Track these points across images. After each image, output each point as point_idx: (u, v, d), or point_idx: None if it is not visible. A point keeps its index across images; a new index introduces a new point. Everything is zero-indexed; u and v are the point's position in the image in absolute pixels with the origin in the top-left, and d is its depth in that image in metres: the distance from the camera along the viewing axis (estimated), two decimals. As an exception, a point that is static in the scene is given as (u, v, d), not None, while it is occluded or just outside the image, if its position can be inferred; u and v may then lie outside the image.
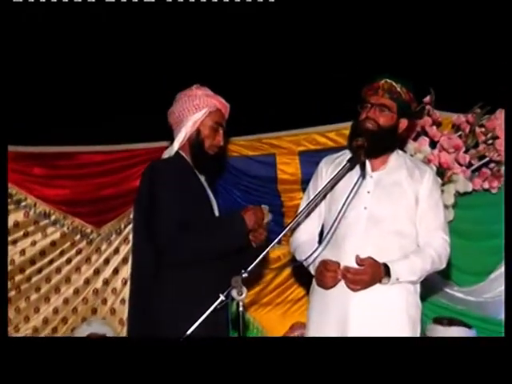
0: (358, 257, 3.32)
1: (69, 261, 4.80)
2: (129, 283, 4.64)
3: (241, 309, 2.85)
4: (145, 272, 3.20)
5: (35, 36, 4.74)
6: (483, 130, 4.41)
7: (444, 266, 3.50)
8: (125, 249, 4.83)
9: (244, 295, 2.84)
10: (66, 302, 4.79)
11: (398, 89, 3.42)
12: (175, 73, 4.71)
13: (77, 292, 4.79)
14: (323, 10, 4.75)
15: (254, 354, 2.61)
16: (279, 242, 3.28)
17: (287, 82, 4.87)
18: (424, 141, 4.38)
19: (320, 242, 3.47)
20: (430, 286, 4.45)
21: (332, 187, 3.40)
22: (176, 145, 3.33)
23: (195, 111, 3.32)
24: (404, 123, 3.47)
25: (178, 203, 3.14)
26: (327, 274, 3.35)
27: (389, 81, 3.42)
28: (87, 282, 4.80)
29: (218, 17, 4.69)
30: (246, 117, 4.29)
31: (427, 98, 4.41)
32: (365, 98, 3.45)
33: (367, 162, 3.42)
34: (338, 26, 4.83)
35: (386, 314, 3.35)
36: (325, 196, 3.47)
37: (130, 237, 4.75)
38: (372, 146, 3.37)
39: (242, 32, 4.82)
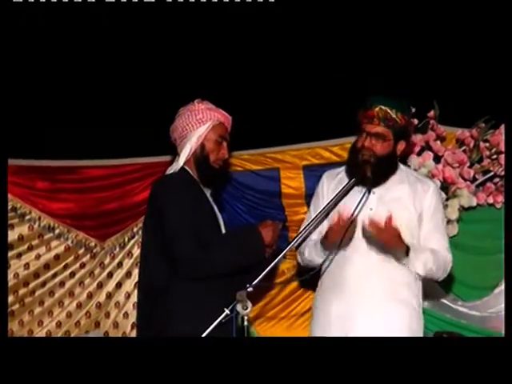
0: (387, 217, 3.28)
1: (72, 274, 4.80)
2: (133, 297, 4.73)
3: (245, 323, 2.89)
4: (156, 286, 3.23)
5: (35, 38, 4.73)
6: (487, 144, 4.41)
7: (441, 278, 3.54)
8: (128, 263, 4.83)
9: (249, 309, 2.88)
10: (69, 315, 4.79)
11: (393, 115, 3.41)
12: (177, 85, 4.74)
13: (80, 306, 4.79)
14: (326, 12, 4.73)
15: (254, 355, 2.62)
16: (284, 257, 3.31)
17: (291, 94, 4.89)
18: (428, 155, 4.38)
19: None
20: (434, 300, 4.47)
21: (336, 204, 3.42)
22: (182, 160, 3.36)
23: (199, 125, 3.35)
24: (402, 145, 3.50)
25: (191, 218, 3.17)
26: (336, 224, 3.33)
27: (383, 108, 3.40)
28: (90, 295, 4.80)
29: (219, 17, 4.67)
30: (249, 131, 4.30)
31: (431, 113, 4.42)
32: (360, 124, 3.46)
33: None
34: (339, 36, 4.84)
35: (389, 328, 3.39)
36: (328, 213, 3.48)
37: (134, 251, 4.80)
38: (374, 178, 3.39)
39: (243, 34, 4.80)
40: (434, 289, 4.42)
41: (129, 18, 4.69)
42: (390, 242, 3.34)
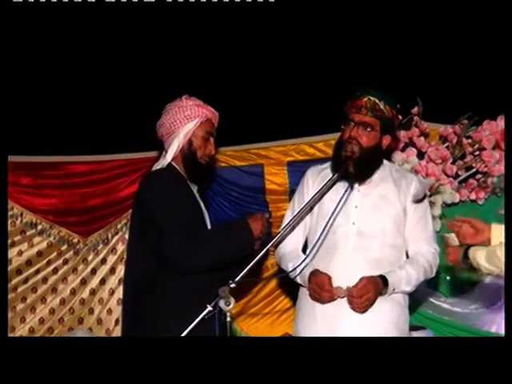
0: (349, 288, 3.36)
1: (55, 271, 4.82)
2: (117, 293, 4.74)
3: (228, 319, 2.92)
4: (142, 283, 3.27)
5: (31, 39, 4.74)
6: (470, 141, 4.46)
7: (433, 275, 3.56)
8: (112, 259, 4.86)
9: (232, 305, 2.90)
10: (52, 311, 4.81)
11: (381, 107, 3.44)
12: (162, 80, 4.75)
13: (63, 302, 4.82)
14: (311, 11, 4.75)
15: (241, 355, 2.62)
16: (267, 253, 3.33)
17: (276, 91, 4.91)
18: (411, 151, 4.42)
19: (304, 252, 3.52)
20: (418, 297, 4.50)
21: (319, 199, 3.45)
22: (169, 156, 3.39)
23: (187, 122, 3.37)
24: (387, 139, 3.52)
25: (180, 213, 3.21)
26: (323, 294, 3.38)
27: (372, 98, 3.43)
28: (74, 292, 4.82)
29: (204, 13, 4.66)
30: (234, 127, 4.32)
31: (415, 109, 4.46)
32: (348, 114, 3.48)
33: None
34: (323, 34, 4.86)
35: (376, 326, 3.40)
36: (311, 208, 3.50)
37: (118, 247, 4.82)
38: (356, 173, 3.42)
39: (231, 32, 4.82)
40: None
41: (128, 18, 4.69)
42: (370, 298, 3.37)
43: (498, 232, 3.05)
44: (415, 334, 4.10)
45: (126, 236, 4.39)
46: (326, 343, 2.75)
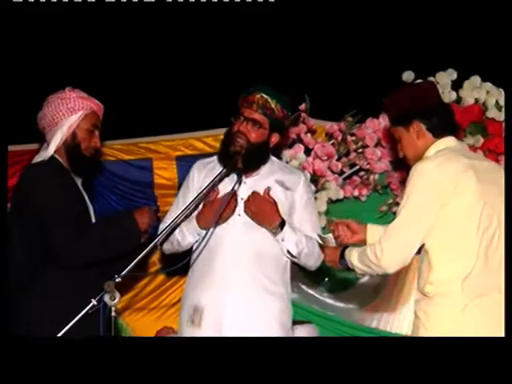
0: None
1: None
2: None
3: (113, 314, 2.91)
4: (21, 272, 3.21)
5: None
6: (354, 138, 4.53)
7: (313, 267, 3.63)
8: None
9: (117, 300, 2.90)
10: None
11: (273, 105, 3.49)
12: (44, 72, 4.69)
13: None
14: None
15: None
16: (155, 247, 3.34)
17: (166, 85, 4.91)
18: (299, 148, 4.48)
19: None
20: (302, 292, 4.60)
21: (208, 192, 3.48)
22: (52, 148, 3.32)
23: (70, 114, 3.33)
24: (275, 137, 3.58)
25: (64, 206, 3.18)
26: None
27: (264, 96, 3.48)
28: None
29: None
30: (122, 120, 4.30)
31: (302, 106, 4.50)
32: (239, 108, 3.53)
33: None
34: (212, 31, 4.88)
35: (259, 320, 3.46)
36: (200, 201, 3.53)
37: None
38: (246, 163, 3.47)
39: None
40: (302, 280, 4.58)
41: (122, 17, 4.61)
42: (265, 211, 3.45)
43: (373, 232, 3.16)
44: (299, 329, 4.13)
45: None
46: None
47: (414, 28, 4.92)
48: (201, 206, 3.53)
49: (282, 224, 3.47)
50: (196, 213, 3.52)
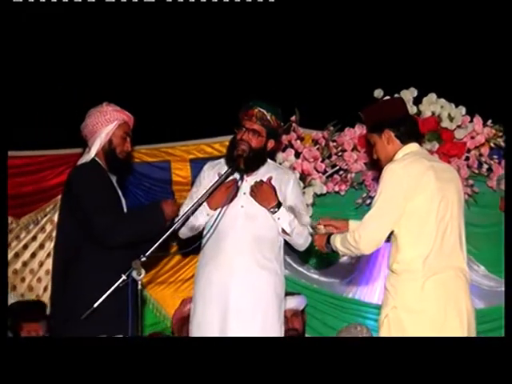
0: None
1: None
2: (45, 265, 4.68)
3: (139, 287, 2.95)
4: (70, 254, 3.27)
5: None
6: (335, 144, 4.54)
7: (302, 247, 3.65)
8: (41, 237, 4.81)
9: (142, 275, 2.94)
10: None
11: (268, 117, 3.54)
12: (83, 88, 4.67)
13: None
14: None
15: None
16: (174, 232, 3.37)
17: (181, 100, 4.93)
18: (290, 152, 4.51)
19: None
20: (293, 269, 4.63)
21: (216, 187, 3.50)
22: (93, 152, 3.39)
23: (107, 124, 3.39)
24: (272, 143, 3.64)
25: (103, 198, 3.26)
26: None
27: (261, 110, 3.53)
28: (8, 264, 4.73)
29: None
30: (147, 129, 4.31)
31: (293, 118, 4.53)
32: (241, 120, 3.58)
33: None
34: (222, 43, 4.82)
35: (259, 291, 3.48)
36: (209, 195, 3.55)
37: (46, 227, 4.79)
38: (247, 164, 3.53)
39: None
40: (294, 259, 4.61)
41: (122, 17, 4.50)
42: (267, 193, 3.49)
43: (353, 226, 3.20)
44: (291, 299, 4.21)
45: (54, 218, 4.47)
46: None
47: (383, 53, 4.92)
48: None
49: (279, 205, 3.51)
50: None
